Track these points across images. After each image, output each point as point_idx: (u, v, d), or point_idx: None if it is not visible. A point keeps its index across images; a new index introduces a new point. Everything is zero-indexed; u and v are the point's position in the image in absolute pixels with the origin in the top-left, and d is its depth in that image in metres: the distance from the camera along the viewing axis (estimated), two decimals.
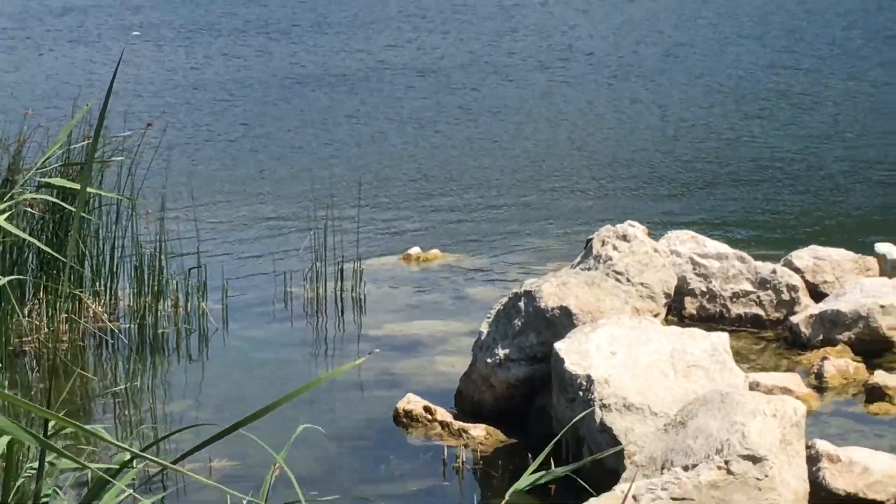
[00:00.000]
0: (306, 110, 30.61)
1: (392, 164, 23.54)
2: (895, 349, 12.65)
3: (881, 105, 31.00)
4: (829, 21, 52.75)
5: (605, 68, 38.30)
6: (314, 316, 14.18)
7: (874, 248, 14.27)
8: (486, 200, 20.44)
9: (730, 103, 31.48)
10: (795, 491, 8.95)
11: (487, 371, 11.21)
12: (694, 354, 10.32)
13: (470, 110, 30.46)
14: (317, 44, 46.35)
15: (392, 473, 10.06)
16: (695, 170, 23.11)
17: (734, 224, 18.71)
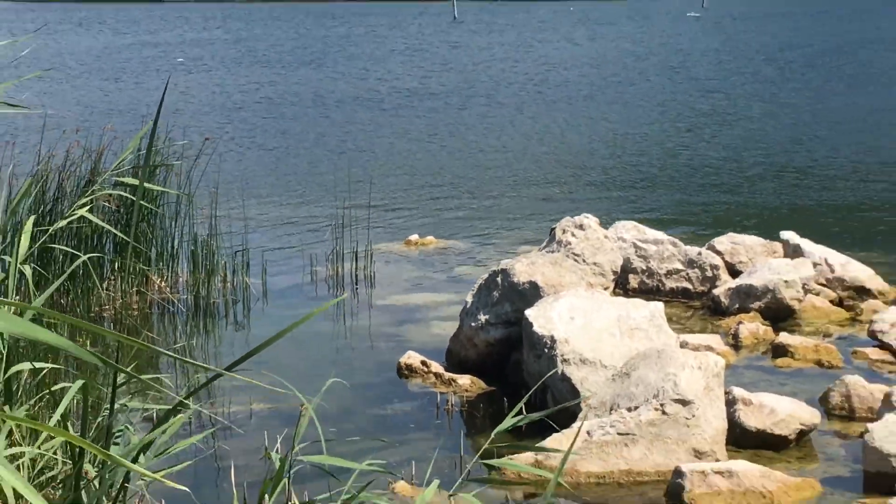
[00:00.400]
0: (330, 126, 30.63)
1: (397, 169, 23.54)
2: (796, 315, 12.68)
3: (789, 121, 31.02)
4: (749, 55, 52.76)
5: (571, 92, 38.36)
6: (334, 289, 14.17)
7: (780, 235, 14.28)
8: (472, 197, 20.43)
9: (668, 120, 31.51)
10: (716, 428, 8.96)
11: (472, 333, 11.21)
12: (636, 319, 10.31)
13: (460, 126, 30.48)
14: (339, 72, 46.33)
15: (396, 414, 10.05)
16: (639, 173, 23.10)
17: (669, 216, 18.71)
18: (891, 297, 13.28)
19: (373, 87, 40.73)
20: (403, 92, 38.86)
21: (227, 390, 10.49)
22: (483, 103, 35.61)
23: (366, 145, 26.93)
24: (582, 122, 31.17)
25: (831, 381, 10.22)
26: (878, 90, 38.47)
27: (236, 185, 19.45)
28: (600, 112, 33.18)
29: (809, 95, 37.27)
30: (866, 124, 30.17)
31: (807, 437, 9.36)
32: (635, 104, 35.16)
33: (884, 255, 15.56)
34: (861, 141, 27.10)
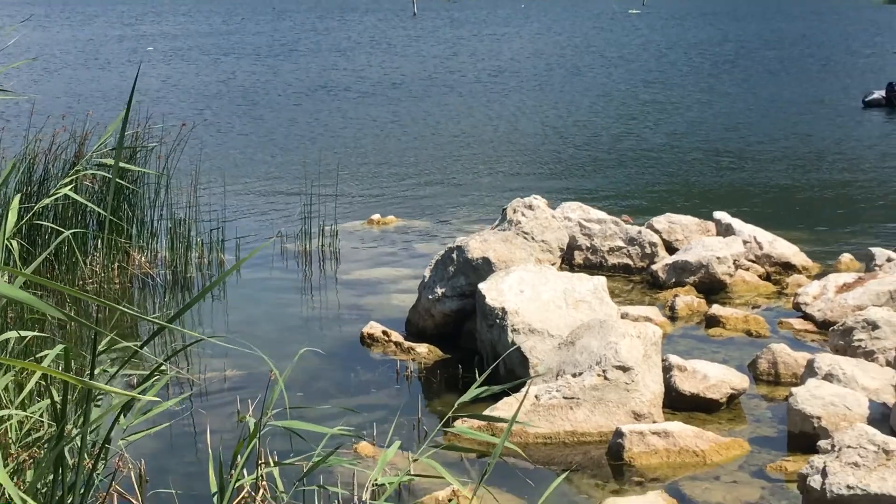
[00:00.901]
0: (301, 113, 30.52)
1: (362, 153, 23.50)
2: (727, 288, 12.75)
3: (724, 110, 31.13)
4: (687, 49, 52.88)
5: (523, 83, 38.33)
6: (302, 265, 14.15)
7: (713, 215, 14.35)
8: (430, 180, 20.42)
9: (613, 109, 31.56)
10: (654, 392, 9.00)
11: (429, 305, 11.22)
12: (580, 292, 10.34)
13: (420, 114, 30.43)
14: (308, 63, 46.12)
15: (359, 380, 10.04)
16: (585, 157, 23.14)
17: (611, 197, 18.75)
18: (814, 272, 13.38)
19: (340, 77, 40.57)
20: (368, 82, 38.73)
21: (203, 358, 10.47)
22: (442, 93, 35.56)
23: (334, 131, 26.86)
24: (533, 110, 31.18)
25: (759, 349, 10.30)
26: (804, 82, 38.65)
27: (213, 168, 19.37)
28: (550, 101, 33.19)
29: (743, 86, 37.38)
30: (794, 113, 30.31)
31: (736, 401, 9.43)
32: (583, 94, 35.18)
33: (808, 233, 15.67)
34: (789, 128, 27.23)
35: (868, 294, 11.48)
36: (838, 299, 11.55)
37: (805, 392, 8.55)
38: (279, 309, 12.24)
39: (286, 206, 17.50)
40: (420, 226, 16.28)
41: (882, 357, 9.75)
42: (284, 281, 13.48)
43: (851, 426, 7.47)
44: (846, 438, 7.28)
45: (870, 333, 9.98)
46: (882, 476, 7.01)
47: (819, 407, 8.40)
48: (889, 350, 9.64)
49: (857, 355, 9.81)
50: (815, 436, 8.14)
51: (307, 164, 20.16)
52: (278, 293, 12.96)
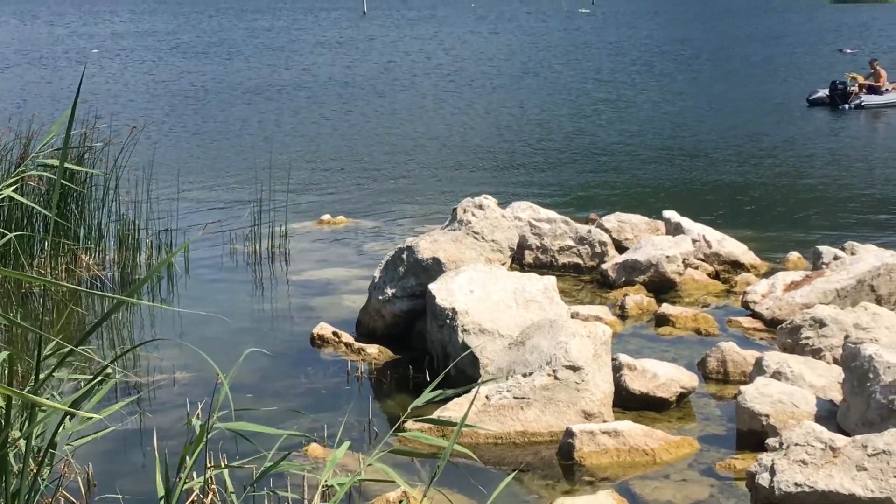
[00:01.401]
0: (253, 114, 30.44)
1: (313, 153, 23.46)
2: (677, 287, 12.80)
3: (675, 109, 31.31)
4: (638, 48, 53.13)
5: (474, 83, 38.39)
6: (252, 266, 14.08)
7: (662, 214, 14.40)
8: (380, 179, 20.40)
9: (564, 108, 31.68)
10: (604, 391, 9.02)
11: (379, 305, 11.19)
12: (531, 292, 10.34)
13: (371, 114, 30.44)
14: (260, 63, 45.94)
15: (310, 381, 10.00)
16: (535, 156, 23.19)
17: (562, 196, 18.79)
18: (762, 270, 13.47)
19: (291, 76, 40.48)
20: (319, 81, 38.66)
21: (152, 361, 10.38)
22: (393, 92, 35.54)
23: (285, 131, 26.80)
24: (484, 109, 31.22)
25: (708, 347, 10.34)
26: (752, 81, 38.91)
27: (164, 169, 19.21)
28: (501, 101, 33.24)
29: (692, 85, 37.60)
30: (742, 112, 30.51)
31: (686, 399, 9.46)
32: (534, 93, 35.27)
33: (756, 231, 15.77)
34: (737, 127, 27.40)
35: (815, 292, 11.57)
36: (786, 297, 11.63)
37: (753, 390, 8.60)
38: (229, 310, 12.15)
39: (236, 206, 17.41)
40: (370, 226, 16.24)
41: (829, 355, 9.83)
42: (234, 282, 13.40)
43: (799, 424, 7.51)
44: (794, 436, 7.32)
45: (817, 331, 10.05)
46: (829, 473, 7.06)
47: (767, 405, 8.45)
48: (836, 348, 9.71)
49: (805, 353, 9.88)
50: (764, 433, 8.18)
51: (258, 164, 20.09)
52: (228, 295, 12.88)
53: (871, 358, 8.10)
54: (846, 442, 7.19)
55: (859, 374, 8.16)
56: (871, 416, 7.93)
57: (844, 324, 9.97)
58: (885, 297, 11.72)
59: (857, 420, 8.08)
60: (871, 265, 11.83)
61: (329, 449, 8.23)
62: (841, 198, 18.83)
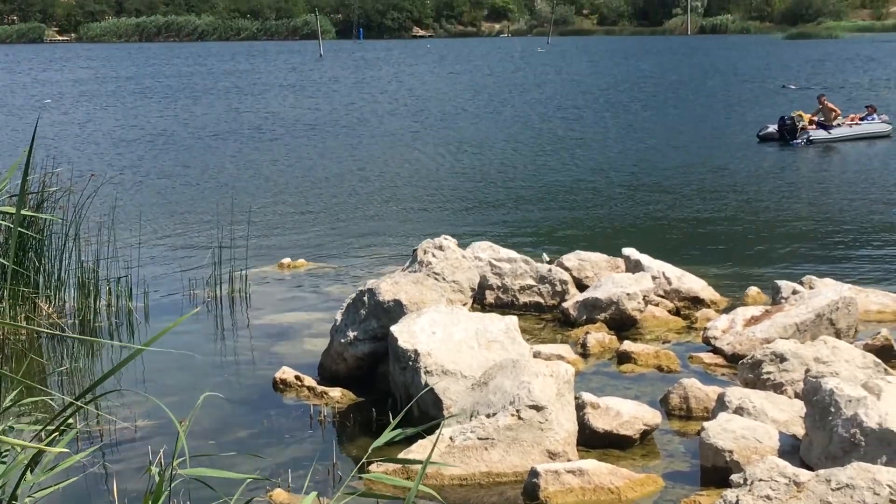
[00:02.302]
0: (213, 157, 30.39)
1: (273, 196, 23.40)
2: (638, 324, 12.83)
3: (631, 147, 31.46)
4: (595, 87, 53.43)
5: (433, 122, 38.46)
6: (213, 311, 13.99)
7: (622, 251, 14.44)
8: (340, 222, 20.36)
9: (523, 147, 31.79)
10: (568, 430, 9.00)
11: (341, 348, 11.15)
12: (492, 332, 10.33)
13: (331, 156, 30.43)
14: (219, 107, 45.90)
15: (272, 425, 9.93)
16: (494, 195, 23.22)
17: (521, 235, 18.81)
18: (722, 305, 13.52)
19: (249, 120, 40.45)
20: (278, 125, 38.66)
21: (113, 409, 10.28)
22: (351, 134, 35.58)
23: (246, 175, 26.73)
24: (443, 149, 31.27)
25: (670, 384, 10.35)
26: (705, 118, 39.21)
27: (124, 215, 19.14)
28: (459, 141, 33.31)
29: (647, 123, 37.84)
30: (697, 149, 30.72)
31: (650, 436, 9.46)
32: (492, 133, 35.38)
33: (715, 267, 15.84)
34: (693, 164, 27.57)
35: (775, 327, 11.62)
36: (746, 332, 11.67)
37: (716, 426, 8.61)
38: (190, 356, 12.07)
39: (197, 251, 17.34)
40: (331, 269, 16.20)
41: (790, 389, 9.86)
42: (195, 328, 13.32)
43: (762, 459, 7.52)
44: (758, 471, 7.33)
45: (778, 366, 10.08)
46: None
47: (730, 440, 8.46)
48: (797, 382, 9.74)
49: (767, 388, 9.91)
50: (728, 469, 8.19)
51: (219, 208, 20.04)
52: (189, 340, 12.78)
53: (832, 392, 8.13)
54: (810, 476, 7.20)
55: (821, 409, 8.18)
56: (834, 449, 7.95)
57: (805, 358, 10.00)
58: (843, 330, 11.79)
59: (820, 454, 8.10)
60: (830, 299, 11.89)
61: (294, 494, 8.18)
62: (798, 232, 18.96)
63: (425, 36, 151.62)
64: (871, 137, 32.08)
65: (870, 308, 13.10)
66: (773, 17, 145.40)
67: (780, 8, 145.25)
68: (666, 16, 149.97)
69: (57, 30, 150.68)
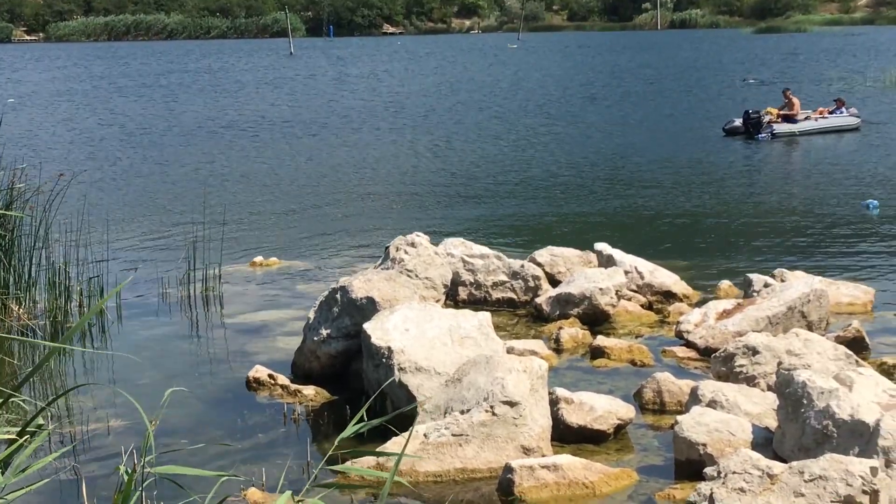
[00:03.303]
0: (186, 155, 30.28)
1: (246, 195, 23.34)
2: (611, 319, 12.84)
3: (602, 142, 31.51)
4: (568, 84, 53.50)
5: (405, 119, 38.42)
6: (185, 310, 13.94)
7: (594, 246, 14.45)
8: (312, 219, 20.32)
9: (494, 143, 31.77)
10: (542, 426, 9.00)
11: (314, 346, 11.12)
12: (466, 329, 10.32)
13: (303, 154, 30.36)
14: (190, 105, 45.72)
15: (246, 424, 9.90)
16: (465, 192, 23.20)
17: (493, 232, 18.81)
18: (694, 299, 13.55)
19: (224, 117, 40.33)
20: (249, 122, 38.54)
21: (85, 410, 10.22)
22: (322, 132, 35.51)
23: (218, 173, 26.63)
24: (415, 147, 31.25)
25: (644, 378, 10.36)
26: (674, 112, 39.31)
27: (97, 214, 19.04)
28: (432, 137, 33.30)
29: (616, 117, 37.92)
30: (666, 143, 30.81)
31: (624, 431, 9.47)
32: (464, 129, 35.37)
33: (687, 261, 15.87)
34: (663, 158, 27.64)
35: (747, 320, 11.65)
36: (719, 326, 11.70)
37: (690, 419, 8.62)
38: (163, 356, 12.04)
39: (170, 250, 17.27)
40: (303, 267, 16.16)
41: (763, 382, 9.89)
42: (168, 327, 13.26)
43: (736, 452, 7.54)
44: (731, 464, 7.34)
45: (750, 359, 10.11)
46: (767, 500, 7.08)
47: (704, 434, 8.48)
48: (769, 375, 9.78)
49: (739, 381, 9.93)
50: (702, 462, 8.21)
51: (191, 206, 19.95)
52: (162, 340, 12.74)
53: (805, 384, 8.16)
54: (783, 468, 7.22)
55: (793, 401, 8.21)
56: (807, 441, 7.98)
57: (777, 351, 10.04)
58: (815, 322, 11.83)
59: (793, 446, 8.12)
60: (801, 292, 11.94)
61: (268, 493, 8.15)
62: (768, 225, 19.03)
63: (396, 33, 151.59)
64: (839, 130, 32.22)
65: (841, 300, 13.15)
66: (743, 11, 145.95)
67: (748, 2, 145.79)
68: (636, 11, 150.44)
69: (25, 29, 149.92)
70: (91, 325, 13.19)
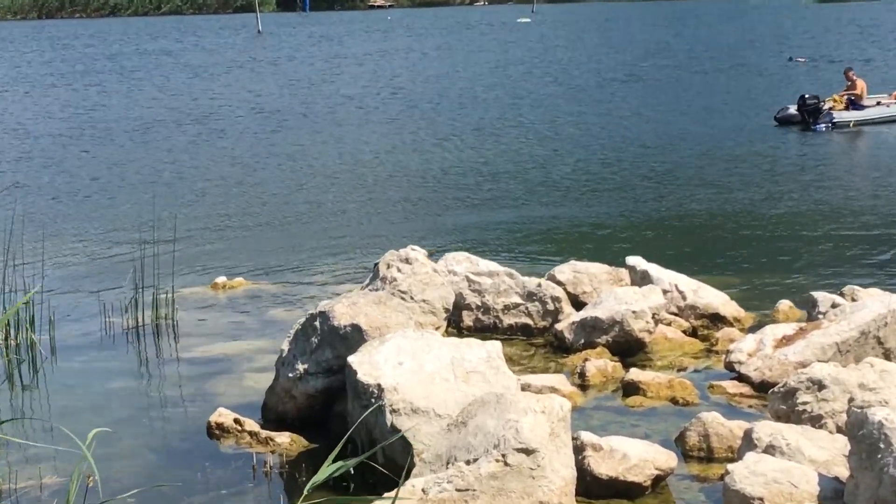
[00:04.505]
0: (134, 153, 30.39)
1: (204, 201, 23.36)
2: (646, 348, 12.81)
3: (634, 134, 31.54)
4: (587, 63, 53.58)
5: (396, 110, 38.49)
6: (133, 343, 13.93)
7: (626, 261, 14.42)
8: (285, 232, 20.33)
9: (505, 136, 31.84)
10: (564, 478, 8.97)
11: (289, 384, 11.10)
12: (471, 361, 10.29)
13: (272, 151, 30.35)
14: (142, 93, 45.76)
15: (207, 480, 9.87)
16: (470, 198, 23.20)
17: (504, 244, 18.81)
18: (747, 323, 13.52)
19: (179, 108, 40.38)
20: (209, 114, 38.60)
21: (13, 464, 10.19)
22: (297, 125, 35.56)
23: (172, 177, 26.65)
24: (408, 144, 31.24)
25: (687, 419, 10.32)
26: (720, 97, 39.36)
27: (27, 227, 19.00)
28: (428, 130, 33.34)
29: (649, 103, 37.97)
30: (710, 135, 30.82)
31: (663, 483, 9.43)
32: (466, 120, 35.41)
33: (737, 278, 15.84)
34: (706, 154, 27.63)
35: (811, 348, 11.61)
36: (777, 355, 11.66)
37: (743, 469, 8.59)
38: (108, 397, 12.01)
39: (114, 270, 17.27)
40: (275, 289, 16.16)
41: (831, 422, 9.85)
42: (113, 363, 13.25)
43: None
44: None
45: (816, 395, 10.08)
46: None
47: (761, 486, 8.44)
48: (839, 413, 9.73)
49: (803, 421, 9.89)
50: None
51: (140, 217, 19.96)
52: (106, 378, 12.72)
53: (882, 424, 8.12)
54: None
55: (868, 445, 8.17)
56: (885, 493, 7.94)
57: (848, 384, 10.00)
58: (893, 350, 11.80)
59: (868, 499, 8.08)
60: (877, 313, 11.90)
61: None
62: (835, 234, 19.00)
63: (384, 6, 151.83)
64: None
65: None
66: None
67: None
68: None
69: None
70: (20, 362, 13.16)
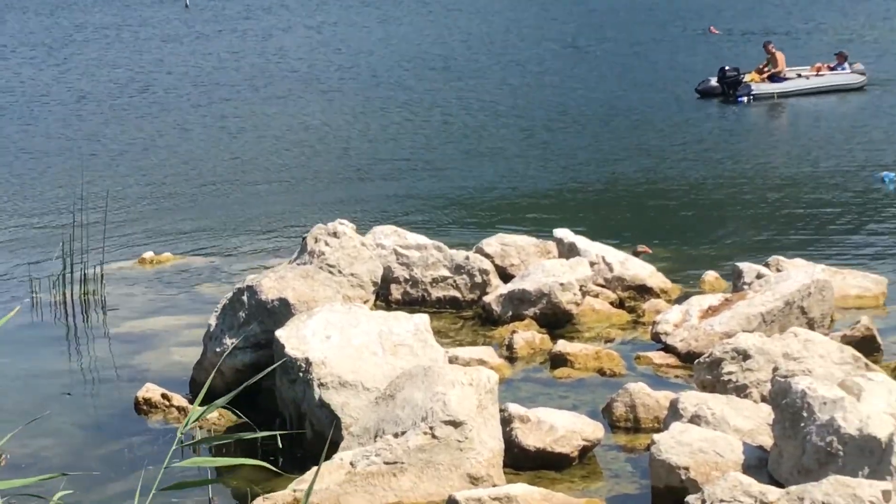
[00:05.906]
0: (62, 128, 29.98)
1: (132, 176, 23.20)
2: (574, 320, 12.84)
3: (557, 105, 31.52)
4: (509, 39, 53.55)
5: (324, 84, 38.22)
6: (61, 318, 13.84)
7: (553, 233, 14.43)
8: (213, 207, 20.23)
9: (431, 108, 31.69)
10: (492, 449, 8.99)
11: (217, 359, 11.04)
12: (399, 335, 10.30)
13: (199, 125, 30.12)
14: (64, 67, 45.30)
15: (135, 455, 9.84)
16: (397, 170, 23.17)
17: (432, 217, 18.80)
18: (674, 294, 13.57)
19: (105, 83, 39.91)
20: (134, 87, 38.20)
21: None
22: (224, 100, 35.26)
23: (101, 151, 26.37)
24: (336, 117, 31.08)
25: (614, 390, 10.37)
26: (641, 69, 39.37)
27: None
28: (352, 106, 33.18)
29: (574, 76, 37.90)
30: (632, 107, 30.77)
31: (591, 454, 9.48)
32: (395, 93, 35.24)
33: (664, 249, 15.88)
34: (629, 126, 27.61)
35: (737, 318, 11.69)
36: (703, 326, 11.74)
37: (669, 439, 8.64)
38: (33, 374, 11.92)
39: (41, 245, 17.12)
40: (202, 263, 16.08)
41: (756, 392, 9.91)
42: (39, 339, 13.14)
43: (724, 476, 7.57)
44: (718, 491, 7.37)
45: (741, 365, 10.14)
46: None
47: (686, 455, 8.49)
48: (763, 383, 9.79)
49: (728, 391, 9.96)
50: (684, 489, 8.22)
51: (67, 191, 19.79)
52: (32, 355, 12.62)
53: (804, 393, 8.19)
54: (780, 495, 7.26)
55: (791, 414, 8.24)
56: (807, 461, 8.02)
57: (772, 354, 10.07)
58: (817, 319, 11.91)
59: (792, 468, 8.16)
60: (801, 283, 12.00)
61: None
62: (760, 206, 19.11)
63: None
64: (840, 90, 32.35)
65: (848, 293, 13.22)
66: None
67: None
68: None
69: None
70: None
